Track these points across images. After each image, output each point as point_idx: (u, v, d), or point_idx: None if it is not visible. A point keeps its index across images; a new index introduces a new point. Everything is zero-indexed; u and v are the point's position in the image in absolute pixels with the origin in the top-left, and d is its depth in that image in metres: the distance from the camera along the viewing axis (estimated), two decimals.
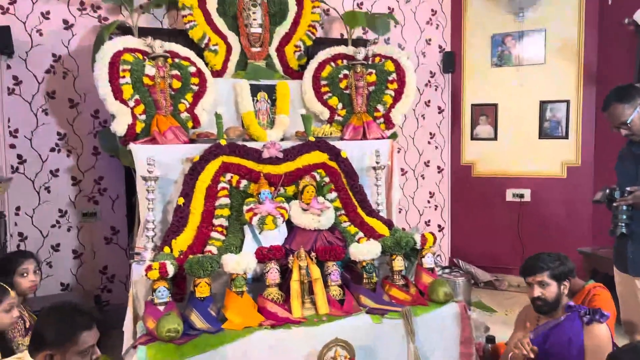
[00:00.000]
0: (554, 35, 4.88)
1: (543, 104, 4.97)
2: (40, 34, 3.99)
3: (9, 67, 3.92)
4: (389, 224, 3.60)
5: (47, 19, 4.00)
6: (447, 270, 4.65)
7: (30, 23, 3.96)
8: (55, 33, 4.02)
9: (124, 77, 3.47)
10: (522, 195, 5.10)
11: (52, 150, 4.08)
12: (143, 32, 3.90)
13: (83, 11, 4.09)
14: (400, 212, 5.29)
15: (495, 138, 5.20)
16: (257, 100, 4.07)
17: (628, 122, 2.66)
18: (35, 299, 3.52)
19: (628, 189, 2.69)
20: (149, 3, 4.16)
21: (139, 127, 3.50)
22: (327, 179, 3.62)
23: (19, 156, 3.99)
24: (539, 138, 5.01)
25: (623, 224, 2.72)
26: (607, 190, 2.83)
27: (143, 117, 3.52)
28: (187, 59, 3.81)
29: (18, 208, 4.02)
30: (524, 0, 4.82)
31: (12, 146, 3.96)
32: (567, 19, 4.83)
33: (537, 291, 2.52)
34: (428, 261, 3.16)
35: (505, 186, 5.17)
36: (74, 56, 4.08)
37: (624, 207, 2.70)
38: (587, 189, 4.80)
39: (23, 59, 3.95)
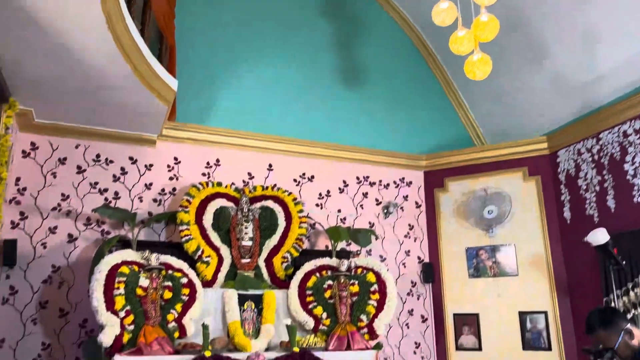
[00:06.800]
0: (523, 249, 5.27)
1: (522, 315, 5.12)
2: (44, 247, 4.27)
3: (7, 277, 4.10)
4: None
5: (54, 233, 4.32)
6: None
7: (36, 237, 4.27)
8: (58, 246, 4.31)
9: (118, 288, 3.65)
10: None
11: None
12: (141, 245, 4.20)
13: (88, 226, 4.44)
14: None
15: (479, 348, 5.20)
16: (244, 310, 4.19)
17: (615, 348, 2.80)
18: None
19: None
20: (150, 219, 4.55)
21: (125, 338, 3.55)
22: None
23: None
24: (523, 349, 5.03)
25: None
26: (600, 347, 2.83)
27: (131, 327, 3.61)
28: (180, 270, 4.05)
29: None
30: (492, 219, 5.33)
31: None
32: (533, 235, 5.28)
33: None
34: None
35: None
36: (72, 267, 4.30)
37: None
38: None
39: (23, 269, 4.15)
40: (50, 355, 4.08)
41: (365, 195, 5.64)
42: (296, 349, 3.77)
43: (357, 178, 5.65)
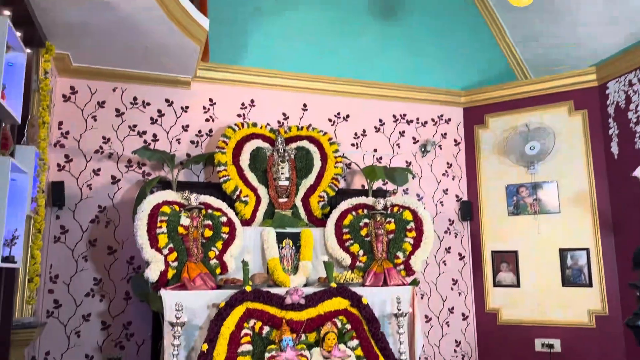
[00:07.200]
0: (566, 186, 5.12)
1: (563, 252, 5.04)
2: (90, 188, 4.43)
3: (58, 217, 4.31)
4: None
5: (98, 175, 4.48)
6: None
7: (82, 179, 4.43)
8: (103, 187, 4.47)
9: (160, 227, 3.77)
10: (552, 346, 4.93)
11: (87, 295, 4.28)
12: (181, 186, 4.31)
13: (130, 168, 4.57)
14: None
15: (518, 285, 5.20)
16: (283, 247, 4.29)
17: None
18: None
19: None
20: (188, 160, 4.64)
21: (170, 274, 3.71)
22: (348, 326, 3.66)
23: (56, 301, 4.19)
24: (563, 286, 5.00)
25: None
26: None
27: (175, 264, 3.75)
28: (219, 209, 4.14)
29: (48, 353, 4.10)
30: (534, 155, 5.17)
31: (51, 291, 4.19)
32: (577, 172, 5.10)
33: None
34: None
35: (533, 335, 5.04)
36: (117, 207, 4.47)
37: None
38: (619, 340, 4.66)
39: (72, 210, 4.34)
40: (102, 289, 4.33)
41: (402, 133, 5.54)
42: (333, 284, 3.86)
43: (394, 116, 5.54)
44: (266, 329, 3.51)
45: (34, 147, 3.39)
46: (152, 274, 3.63)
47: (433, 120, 5.68)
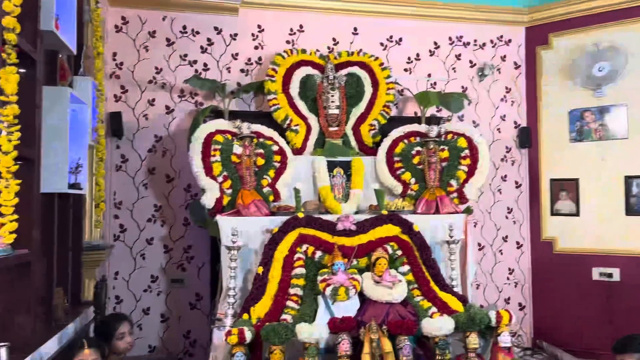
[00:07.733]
0: (637, 110, 4.78)
1: (629, 179, 4.80)
2: (146, 118, 4.55)
3: (118, 147, 4.48)
4: (463, 299, 3.57)
5: (153, 105, 4.57)
6: (528, 352, 4.43)
7: (138, 109, 4.54)
8: (158, 117, 4.57)
9: (214, 155, 3.85)
10: (610, 275, 4.82)
11: (149, 220, 4.51)
12: (233, 115, 4.34)
13: (182, 98, 4.63)
14: (477, 287, 5.17)
15: (577, 214, 5.04)
16: (333, 176, 4.29)
17: None
18: (125, 359, 3.77)
19: None
20: (239, 89, 4.63)
21: (225, 201, 3.82)
22: (399, 252, 3.69)
23: (121, 225, 4.45)
24: (626, 214, 4.80)
25: None
26: None
27: (229, 191, 3.85)
28: (270, 138, 4.16)
29: (117, 273, 4.43)
30: (602, 77, 4.82)
31: (116, 217, 4.44)
32: None
33: None
34: (504, 340, 3.07)
35: (590, 264, 4.93)
36: (172, 137, 4.59)
37: None
38: None
39: (130, 140, 4.50)
40: (162, 215, 4.54)
41: (458, 57, 5.28)
42: (384, 212, 3.86)
43: (450, 38, 5.26)
44: (318, 253, 3.60)
45: (91, 78, 3.46)
46: (208, 200, 3.75)
47: (492, 42, 5.35)
